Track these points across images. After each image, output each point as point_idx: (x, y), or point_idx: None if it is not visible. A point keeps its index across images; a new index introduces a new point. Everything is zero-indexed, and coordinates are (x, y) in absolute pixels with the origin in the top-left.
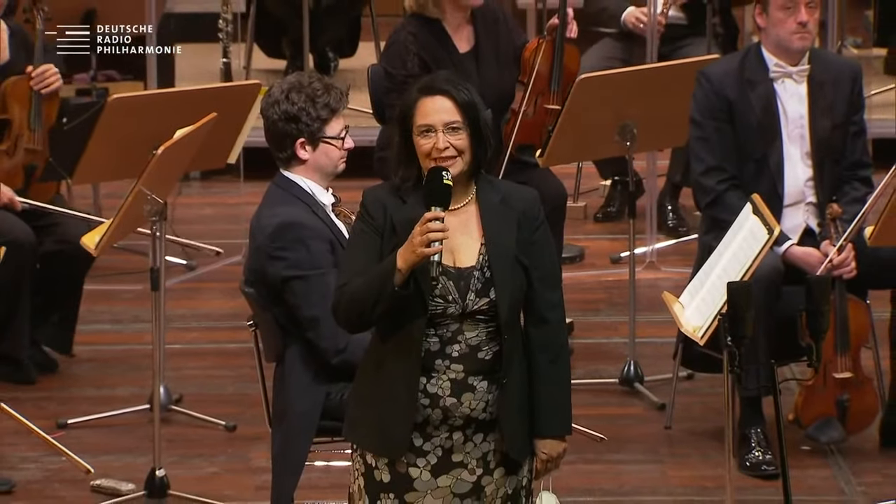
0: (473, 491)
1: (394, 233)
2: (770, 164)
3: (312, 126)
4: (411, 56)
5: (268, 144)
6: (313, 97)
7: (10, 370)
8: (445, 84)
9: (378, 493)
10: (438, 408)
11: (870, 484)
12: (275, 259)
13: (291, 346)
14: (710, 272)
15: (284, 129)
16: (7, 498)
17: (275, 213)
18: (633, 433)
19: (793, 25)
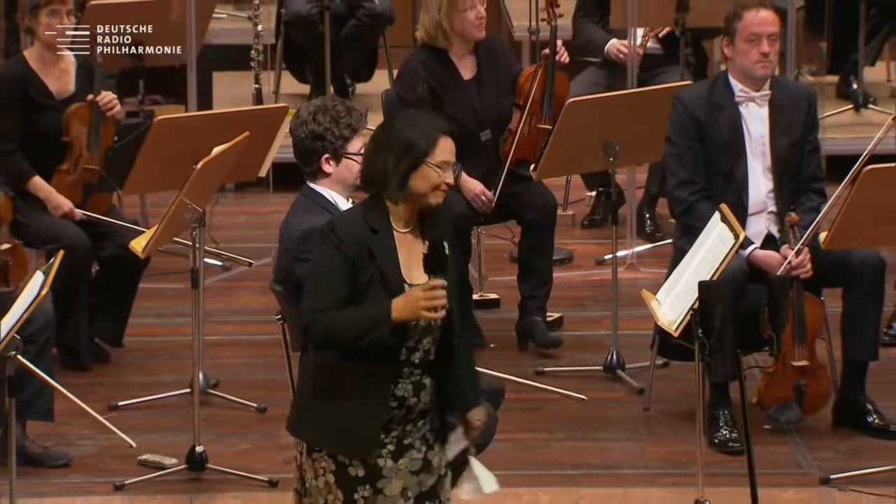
0: (424, 466)
1: (372, 259)
2: (736, 178)
3: (336, 143)
4: (420, 82)
5: (296, 160)
6: (337, 118)
7: (70, 359)
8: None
9: (354, 487)
10: (403, 407)
11: (823, 459)
12: (300, 261)
13: None
14: (684, 272)
15: (311, 147)
16: (65, 471)
17: (302, 220)
18: (616, 414)
19: (756, 56)
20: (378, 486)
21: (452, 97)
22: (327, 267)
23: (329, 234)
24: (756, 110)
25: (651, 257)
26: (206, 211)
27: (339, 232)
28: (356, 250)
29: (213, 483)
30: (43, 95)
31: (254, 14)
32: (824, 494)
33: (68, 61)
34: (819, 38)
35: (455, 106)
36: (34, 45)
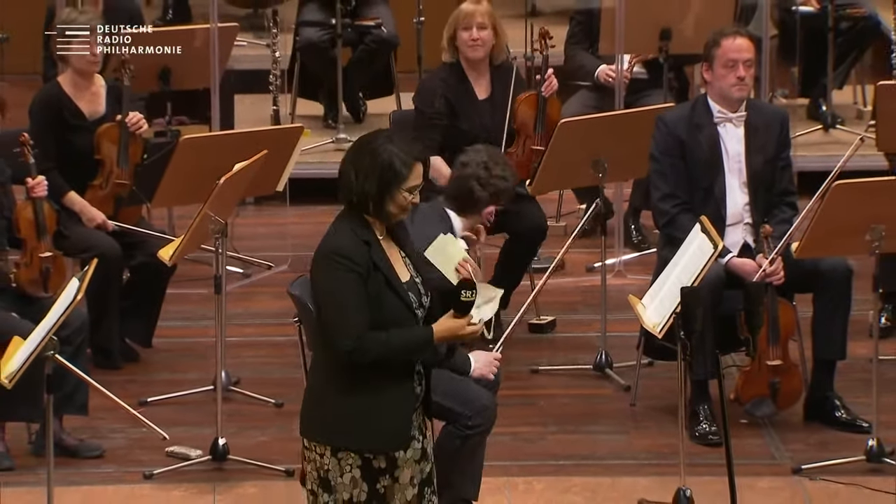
0: (423, 455)
1: (376, 269)
2: (715, 192)
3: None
4: (438, 97)
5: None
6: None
7: (102, 358)
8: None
9: (377, 478)
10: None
11: (795, 450)
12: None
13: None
14: (667, 279)
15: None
16: (98, 462)
17: (425, 232)
18: (605, 409)
19: (733, 79)
20: (395, 475)
21: (467, 114)
22: (349, 291)
23: (338, 259)
24: (733, 130)
25: (637, 265)
26: (228, 222)
27: (346, 254)
28: (365, 266)
29: (234, 472)
30: (76, 117)
31: (272, 42)
32: (796, 483)
33: (99, 85)
34: (791, 64)
35: (469, 122)
36: (67, 72)
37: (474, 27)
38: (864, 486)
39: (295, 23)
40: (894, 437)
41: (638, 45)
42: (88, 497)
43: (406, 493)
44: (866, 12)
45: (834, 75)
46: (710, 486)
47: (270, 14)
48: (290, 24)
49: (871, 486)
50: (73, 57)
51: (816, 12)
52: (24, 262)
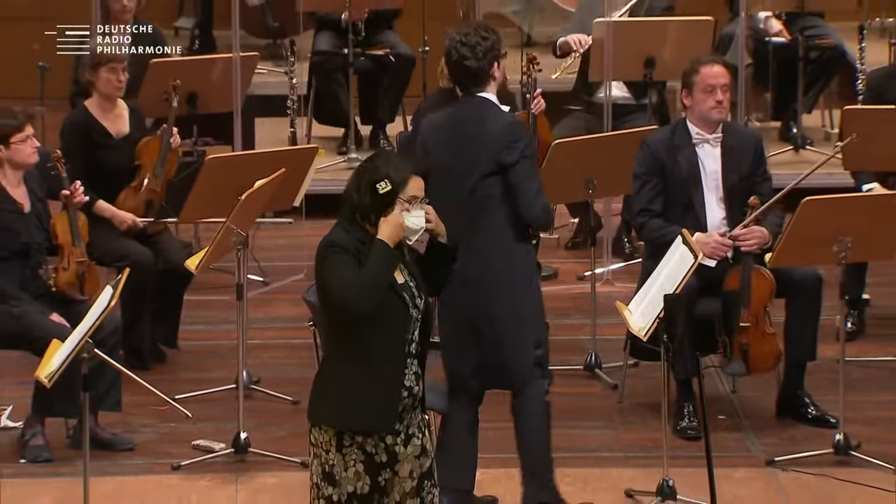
0: (423, 451)
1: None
2: (695, 207)
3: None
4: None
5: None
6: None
7: (134, 359)
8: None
9: (378, 472)
10: (410, 396)
11: (768, 444)
12: (510, 148)
13: None
14: (651, 287)
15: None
16: (130, 454)
17: (499, 117)
18: (594, 406)
19: (712, 103)
20: (395, 468)
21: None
22: (343, 263)
23: (332, 247)
24: (710, 150)
25: (624, 274)
26: (249, 235)
27: (340, 244)
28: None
29: (255, 464)
30: (103, 136)
31: (289, 70)
32: (769, 474)
33: (122, 107)
34: (765, 90)
35: None
36: (94, 97)
37: None
38: (832, 476)
39: (310, 52)
40: (859, 431)
41: (624, 71)
42: (121, 487)
43: (405, 486)
44: (833, 43)
45: (804, 100)
46: (691, 477)
47: (288, 44)
48: (307, 53)
49: (838, 476)
50: (101, 83)
51: (788, 43)
52: (62, 266)
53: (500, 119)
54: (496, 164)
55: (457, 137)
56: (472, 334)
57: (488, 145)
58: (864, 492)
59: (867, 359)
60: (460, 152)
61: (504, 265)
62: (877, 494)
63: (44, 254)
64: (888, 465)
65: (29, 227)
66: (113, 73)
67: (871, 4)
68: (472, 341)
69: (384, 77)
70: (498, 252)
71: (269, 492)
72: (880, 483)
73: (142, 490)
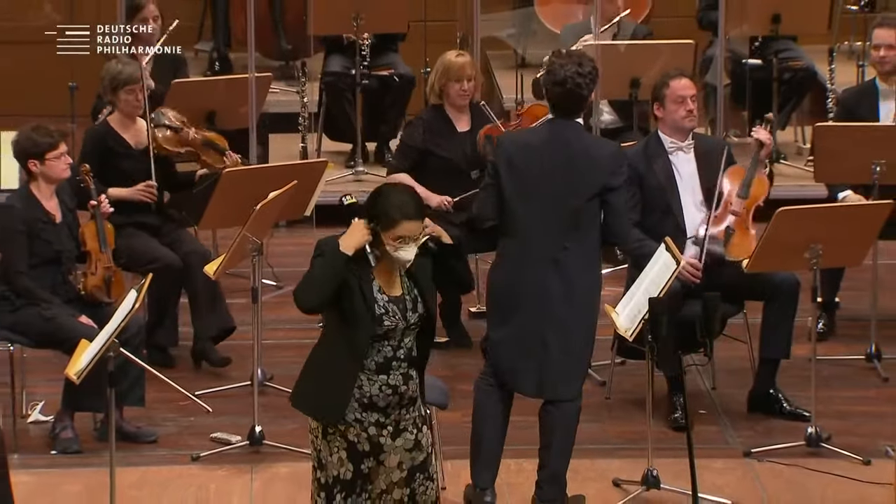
0: (416, 445)
1: (350, 272)
2: (673, 211)
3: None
4: (421, 132)
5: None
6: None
7: (159, 356)
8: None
9: (361, 459)
10: (397, 394)
11: (745, 436)
12: (616, 175)
13: None
14: (637, 291)
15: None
16: (153, 446)
17: (607, 145)
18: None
19: (684, 112)
20: (380, 458)
21: (449, 144)
22: (314, 260)
23: (316, 247)
24: (684, 157)
25: (612, 278)
26: (263, 242)
27: (321, 245)
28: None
29: (269, 455)
30: (123, 146)
31: (300, 89)
32: (746, 464)
33: (141, 124)
34: (742, 108)
35: (451, 151)
36: (115, 113)
37: (464, 80)
38: (804, 466)
39: (321, 72)
40: (830, 425)
41: (612, 91)
42: (145, 476)
43: (392, 476)
44: (805, 64)
45: (778, 118)
46: (674, 467)
47: (299, 65)
48: (317, 74)
49: (810, 466)
50: (120, 104)
51: (763, 64)
52: (90, 271)
53: (606, 145)
54: (601, 188)
55: (561, 159)
56: (539, 344)
57: (598, 169)
58: (834, 480)
59: (837, 357)
60: (565, 173)
61: (587, 284)
62: (846, 483)
63: (73, 260)
64: (856, 455)
65: (60, 236)
66: (131, 94)
67: (840, 29)
68: (536, 350)
69: (388, 96)
70: (584, 270)
71: (282, 481)
72: (849, 473)
73: (164, 479)
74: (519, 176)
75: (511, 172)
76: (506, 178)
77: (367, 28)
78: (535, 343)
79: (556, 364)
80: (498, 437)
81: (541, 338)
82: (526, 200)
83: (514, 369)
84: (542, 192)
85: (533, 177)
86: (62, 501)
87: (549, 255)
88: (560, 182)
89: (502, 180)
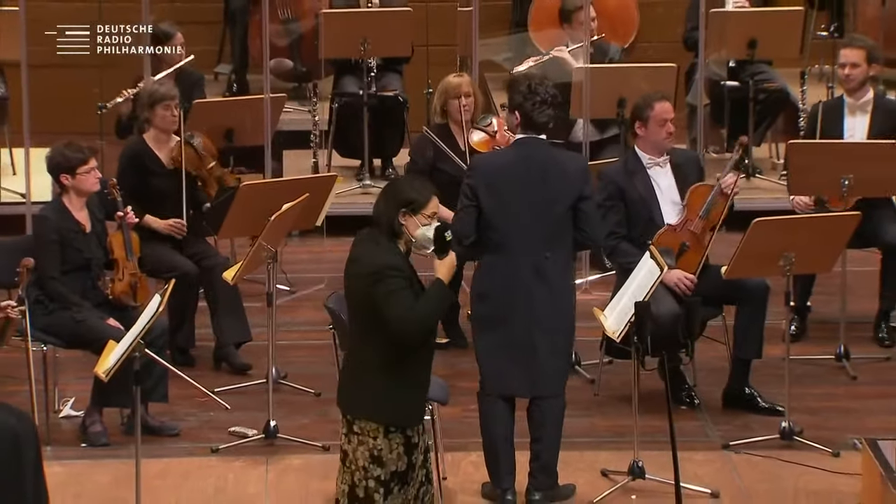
0: (424, 428)
1: (413, 274)
2: (656, 220)
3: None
4: (429, 148)
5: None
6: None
7: (180, 356)
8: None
9: (413, 451)
10: None
11: (724, 430)
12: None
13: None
14: (623, 295)
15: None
16: (175, 439)
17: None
18: (574, 398)
19: (664, 134)
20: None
21: (452, 160)
22: (400, 288)
23: (390, 269)
24: (661, 171)
25: (600, 284)
26: (278, 250)
27: (395, 268)
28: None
29: (282, 448)
30: (156, 164)
31: (312, 109)
32: (724, 456)
33: (175, 140)
34: (720, 127)
35: (454, 166)
36: (150, 130)
37: (462, 96)
38: (778, 458)
39: (331, 94)
40: (802, 420)
41: (600, 110)
42: (168, 467)
43: (420, 458)
44: (779, 86)
45: (754, 135)
46: (658, 459)
47: (311, 87)
48: (327, 95)
49: (784, 458)
50: (157, 119)
51: (740, 86)
52: (117, 278)
53: (575, 159)
54: (576, 198)
55: (536, 175)
56: (529, 348)
57: (571, 181)
58: (805, 471)
59: (809, 357)
60: (541, 188)
61: (566, 288)
62: (817, 474)
63: (102, 267)
64: (826, 448)
65: (90, 244)
66: (167, 109)
67: (811, 53)
68: (526, 354)
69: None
70: (563, 276)
71: (295, 471)
72: (820, 464)
73: (185, 470)
74: (498, 195)
75: (490, 193)
76: (485, 198)
77: (373, 52)
78: (526, 347)
79: (545, 365)
80: (510, 439)
81: (530, 342)
82: (506, 216)
83: (506, 374)
84: (521, 207)
85: (511, 194)
86: (91, 490)
87: (532, 264)
88: (537, 196)
89: (481, 201)
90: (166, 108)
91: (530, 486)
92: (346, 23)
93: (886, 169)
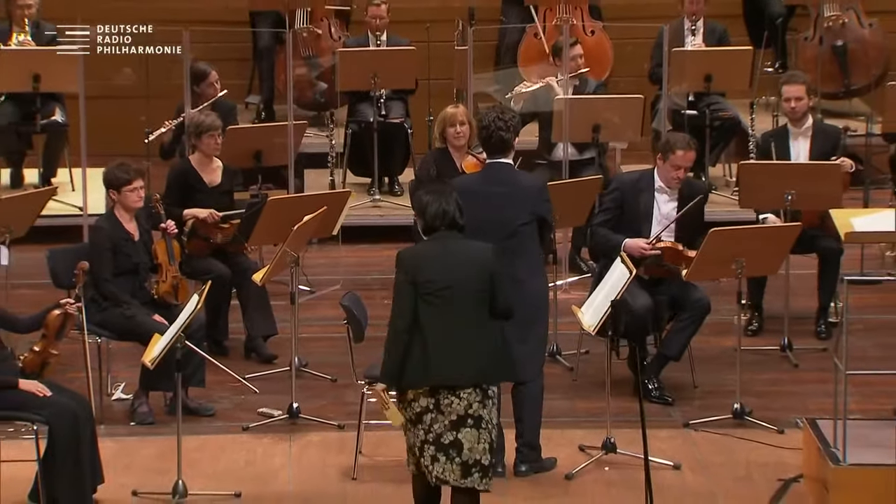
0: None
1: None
2: (643, 235)
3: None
4: (432, 167)
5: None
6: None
7: (218, 348)
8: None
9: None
10: None
11: (685, 411)
12: (546, 202)
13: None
14: (598, 294)
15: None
16: (211, 419)
17: (533, 177)
18: (556, 383)
19: (675, 176)
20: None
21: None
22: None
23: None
24: (667, 198)
25: (578, 285)
26: (300, 256)
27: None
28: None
29: (303, 426)
30: (200, 183)
31: (329, 134)
32: (685, 434)
33: (218, 164)
34: None
35: None
36: (196, 153)
37: (457, 124)
38: (732, 435)
39: (346, 120)
40: (751, 402)
41: (578, 135)
42: (205, 443)
43: None
44: (732, 114)
45: (710, 157)
46: (628, 436)
47: (329, 115)
48: (342, 122)
49: (736, 435)
50: (202, 146)
51: (697, 114)
52: (161, 280)
53: (531, 179)
54: (532, 214)
55: (496, 195)
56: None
57: (527, 200)
58: (755, 447)
59: (758, 348)
60: (500, 206)
61: (536, 287)
62: (765, 448)
63: (148, 271)
64: (772, 426)
65: (138, 251)
66: (212, 138)
67: (759, 86)
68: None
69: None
70: (532, 277)
71: (315, 447)
72: (767, 440)
73: (220, 445)
74: (471, 212)
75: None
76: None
77: (382, 84)
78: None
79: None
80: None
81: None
82: (479, 231)
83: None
84: (491, 222)
85: (482, 210)
86: (139, 462)
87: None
88: (505, 212)
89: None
90: (211, 137)
91: (517, 459)
92: (359, 60)
93: (823, 186)
